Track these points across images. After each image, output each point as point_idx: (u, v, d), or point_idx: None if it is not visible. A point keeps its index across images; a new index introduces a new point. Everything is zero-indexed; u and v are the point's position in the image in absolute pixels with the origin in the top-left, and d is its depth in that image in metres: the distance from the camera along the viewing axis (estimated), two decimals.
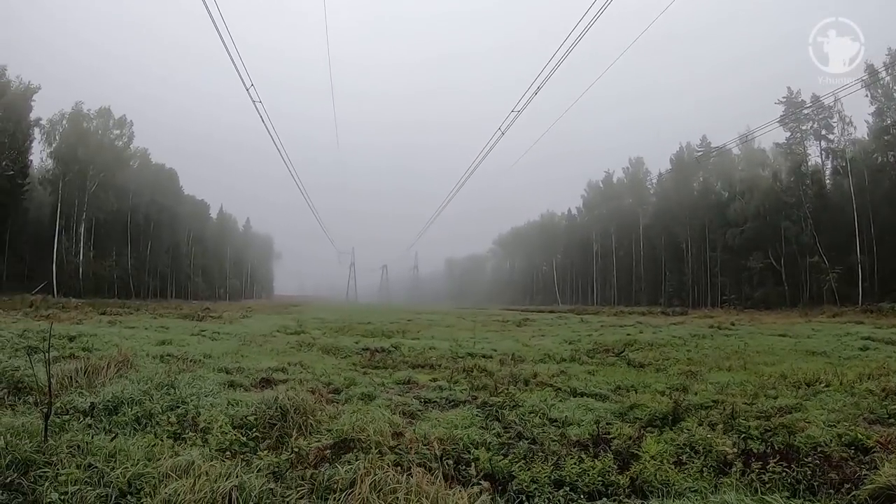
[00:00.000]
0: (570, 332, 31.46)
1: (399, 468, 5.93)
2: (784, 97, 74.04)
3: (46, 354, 8.18)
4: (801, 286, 68.15)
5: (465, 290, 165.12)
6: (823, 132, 73.02)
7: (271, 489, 5.35)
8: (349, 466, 5.77)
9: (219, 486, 5.11)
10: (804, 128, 74.02)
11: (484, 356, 18.42)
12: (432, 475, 5.87)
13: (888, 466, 5.35)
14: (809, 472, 6.28)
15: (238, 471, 5.51)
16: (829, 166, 74.50)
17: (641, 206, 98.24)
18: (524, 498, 5.86)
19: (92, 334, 18.65)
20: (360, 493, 5.24)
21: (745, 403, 10.92)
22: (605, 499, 5.83)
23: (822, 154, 74.24)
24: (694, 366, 17.18)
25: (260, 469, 5.81)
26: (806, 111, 71.99)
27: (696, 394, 12.09)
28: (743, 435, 8.24)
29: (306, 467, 6.01)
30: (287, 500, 5.29)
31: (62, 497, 5.05)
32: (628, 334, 28.42)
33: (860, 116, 69.61)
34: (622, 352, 20.62)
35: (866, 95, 66.55)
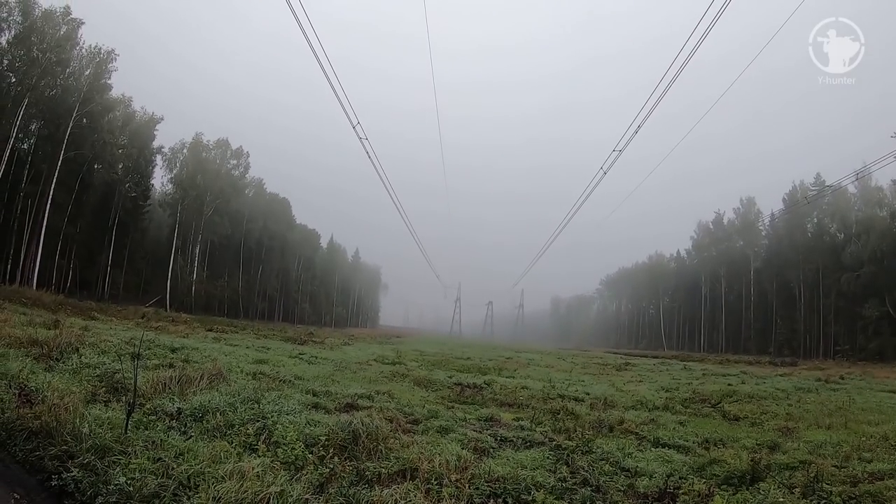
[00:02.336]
0: (670, 379, 30.68)
1: (432, 497, 6.01)
2: None
3: (135, 358, 8.68)
4: None
5: (569, 331, 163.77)
6: None
7: (307, 499, 5.57)
8: (388, 491, 5.88)
9: (262, 490, 5.42)
10: None
11: (575, 399, 18.19)
12: None
13: None
14: None
15: (285, 480, 5.80)
16: None
17: (752, 248, 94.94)
18: None
19: (194, 348, 19.56)
20: None
21: (835, 466, 10.34)
22: None
23: None
24: (792, 422, 16.41)
25: (308, 481, 6.06)
26: None
27: (784, 452, 11.60)
28: (823, 501, 7.77)
29: (351, 486, 6.13)
30: None
31: (128, 481, 5.54)
32: (729, 384, 27.42)
33: None
34: (719, 403, 19.99)
35: None
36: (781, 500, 7.38)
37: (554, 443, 10.28)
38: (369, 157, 25.59)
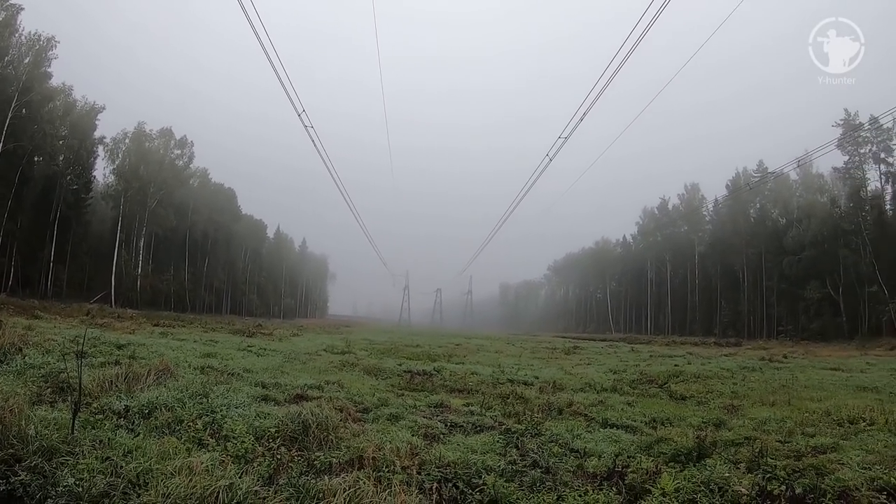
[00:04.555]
0: (618, 361, 31.10)
1: (382, 485, 6.05)
2: (841, 119, 72.26)
3: (80, 356, 8.52)
4: (860, 317, 66.12)
5: (517, 316, 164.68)
6: (883, 155, 71.19)
7: (256, 491, 5.56)
8: (337, 479, 5.90)
9: (211, 485, 5.38)
10: (862, 151, 72.05)
11: (525, 383, 18.36)
12: (426, 496, 5.96)
13: None
14: None
15: (233, 473, 5.78)
16: (890, 191, 72.33)
17: (697, 233, 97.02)
18: None
19: (141, 344, 19.18)
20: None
21: (779, 441, 10.64)
22: None
23: (881, 178, 72.13)
24: (736, 400, 16.82)
25: (258, 473, 6.07)
26: (864, 134, 70.39)
27: (730, 429, 11.88)
28: (767, 475, 7.95)
29: (301, 476, 6.14)
30: (268, 501, 5.48)
31: (77, 482, 5.48)
32: (676, 365, 27.89)
33: None
34: (665, 383, 20.32)
35: None
36: (727, 475, 7.50)
37: (504, 427, 10.40)
38: (315, 145, 25.31)
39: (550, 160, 25.83)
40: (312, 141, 24.89)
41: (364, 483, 5.83)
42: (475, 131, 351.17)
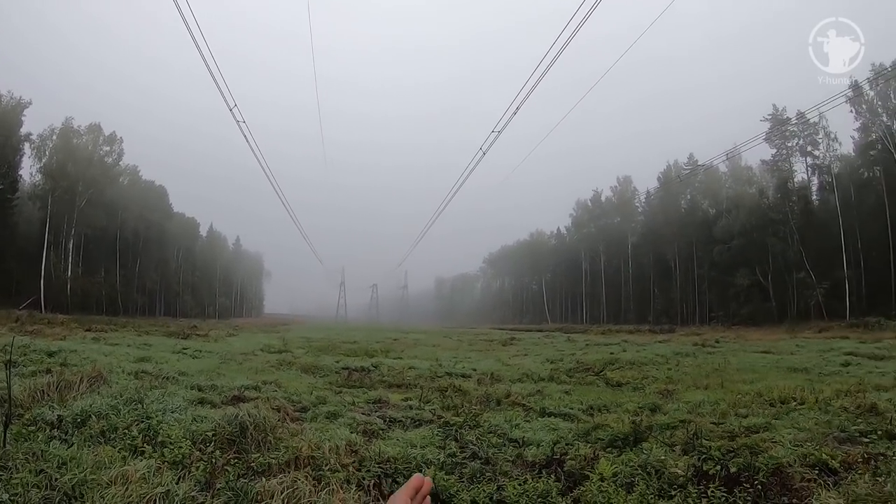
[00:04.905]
0: (555, 351, 31.53)
1: (318, 483, 6.08)
2: (770, 114, 75.23)
3: (9, 365, 8.28)
4: (789, 302, 68.90)
5: (454, 309, 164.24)
6: (809, 148, 74.43)
7: (194, 496, 5.54)
8: (275, 480, 5.89)
9: (148, 493, 5.36)
10: (790, 144, 75.46)
11: (463, 375, 18.50)
12: (365, 493, 5.99)
13: (825, 494, 5.25)
14: (756, 496, 6.15)
15: (170, 480, 5.72)
16: (816, 182, 75.59)
17: (630, 224, 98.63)
18: None
19: (72, 350, 18.67)
20: None
21: (714, 423, 10.97)
22: None
23: (807, 170, 75.50)
24: (671, 385, 17.27)
25: (195, 479, 6.01)
26: (791, 128, 73.61)
27: (665, 413, 12.17)
28: (703, 456, 8.17)
29: (239, 478, 6.10)
30: None
31: (12, 498, 5.35)
32: (611, 353, 28.44)
33: (845, 132, 70.79)
34: (601, 371, 20.70)
35: (851, 111, 67.81)
36: (663, 457, 7.71)
37: (442, 420, 10.52)
38: (247, 139, 25.09)
39: (484, 154, 26.07)
40: (244, 136, 24.61)
41: (302, 483, 5.86)
42: (411, 125, 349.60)
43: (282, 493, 5.57)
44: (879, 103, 66.63)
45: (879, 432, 10.10)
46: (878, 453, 8.56)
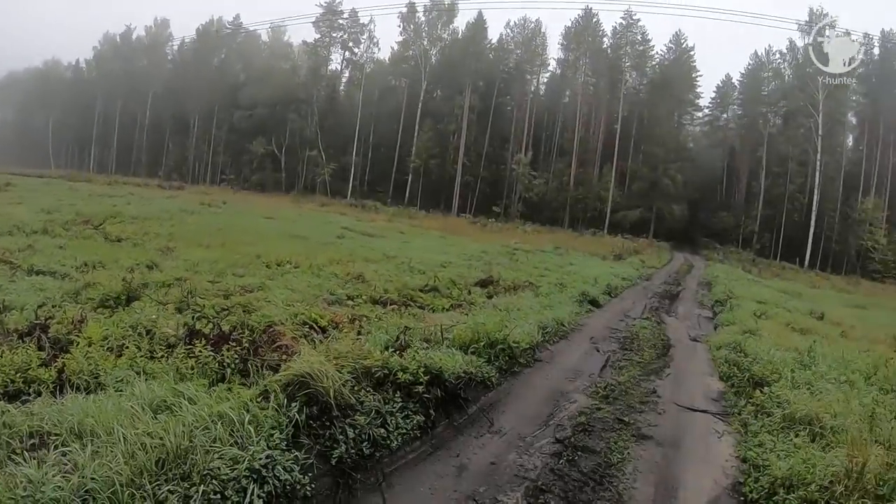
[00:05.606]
0: (55, 200, 28.35)
1: None
2: (326, 1, 77.69)
3: None
4: (298, 176, 73.85)
5: None
6: (351, 44, 79.73)
7: None
8: None
9: None
10: (335, 35, 79.30)
11: None
12: None
13: (302, 357, 5.38)
14: (245, 353, 5.96)
15: None
16: (347, 75, 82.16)
17: (157, 71, 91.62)
18: None
19: None
20: None
21: (210, 281, 10.92)
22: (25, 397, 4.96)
23: (343, 63, 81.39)
24: (173, 241, 16.89)
25: None
26: (342, 21, 78.32)
27: (162, 271, 11.80)
28: (196, 314, 8.02)
29: None
30: None
31: None
32: (115, 206, 26.92)
33: (388, 41, 77.62)
34: (101, 224, 19.45)
35: (399, 26, 76.62)
36: (155, 317, 7.31)
37: None
38: None
39: None
40: None
41: None
42: None
43: None
44: (426, 29, 75.99)
45: (364, 297, 11.19)
46: (363, 315, 9.41)
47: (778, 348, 10.63)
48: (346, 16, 77.95)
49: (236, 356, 5.71)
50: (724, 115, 79.26)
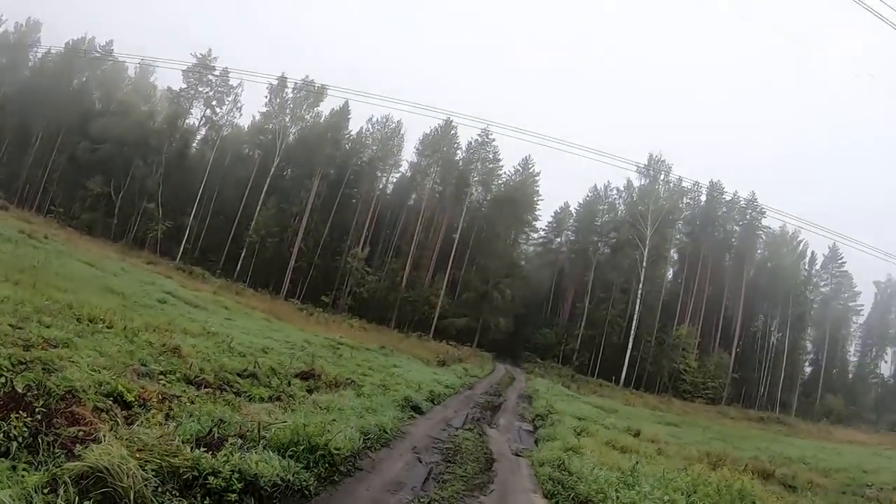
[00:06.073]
0: None
1: None
2: (201, 53, 76.88)
3: None
4: (131, 225, 69.54)
5: None
6: (214, 103, 78.26)
7: None
8: None
9: None
10: (201, 89, 77.83)
11: None
12: None
13: (102, 447, 4.77)
14: (38, 422, 5.24)
15: None
16: (203, 133, 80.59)
17: (12, 75, 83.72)
18: None
19: None
20: None
21: (11, 325, 9.89)
22: None
23: (202, 119, 79.45)
24: None
25: None
26: (216, 76, 77.25)
27: None
28: None
29: None
30: None
31: None
32: None
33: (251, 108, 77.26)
34: None
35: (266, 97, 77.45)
36: None
37: None
38: None
39: None
40: None
41: None
42: None
43: None
44: (291, 106, 77.97)
45: (178, 374, 10.42)
46: (174, 395, 8.72)
47: (601, 467, 10.90)
48: (217, 73, 76.69)
49: (26, 427, 4.98)
50: (558, 239, 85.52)
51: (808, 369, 76.49)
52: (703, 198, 77.83)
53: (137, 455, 4.97)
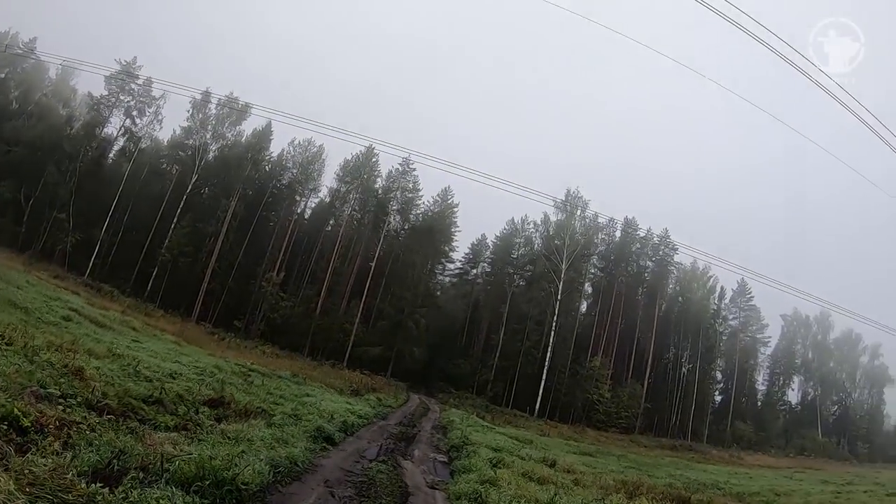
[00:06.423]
0: None
1: None
2: (126, 60, 74.54)
3: None
4: (40, 237, 65.69)
5: None
6: (135, 113, 75.54)
7: None
8: None
9: None
10: (122, 97, 74.98)
11: None
12: None
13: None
14: None
15: None
16: (121, 144, 76.89)
17: None
18: None
19: None
20: None
21: None
22: None
23: (121, 129, 76.06)
24: None
25: None
26: (137, 86, 74.67)
27: None
28: None
29: None
30: None
31: None
32: None
33: (172, 122, 75.69)
34: None
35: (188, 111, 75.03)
36: None
37: None
38: None
39: None
40: None
41: None
42: None
43: None
44: (213, 122, 76.08)
45: (80, 399, 9.88)
46: (74, 420, 8.29)
47: (519, 499, 10.83)
48: (140, 82, 74.25)
49: None
50: (475, 271, 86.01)
51: (718, 398, 79.71)
52: (618, 233, 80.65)
53: (27, 490, 4.68)
